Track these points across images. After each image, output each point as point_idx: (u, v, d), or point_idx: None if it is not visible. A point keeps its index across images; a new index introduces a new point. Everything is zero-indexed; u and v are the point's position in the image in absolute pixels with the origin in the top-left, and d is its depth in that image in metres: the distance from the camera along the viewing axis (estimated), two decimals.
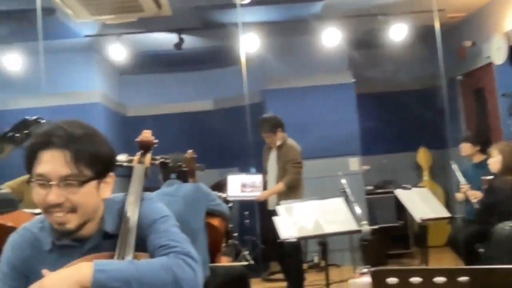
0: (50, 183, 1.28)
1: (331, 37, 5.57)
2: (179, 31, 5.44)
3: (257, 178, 4.99)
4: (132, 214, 1.39)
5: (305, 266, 6.06)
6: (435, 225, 5.25)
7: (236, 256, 6.17)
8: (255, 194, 4.86)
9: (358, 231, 3.38)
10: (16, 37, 5.30)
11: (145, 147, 1.61)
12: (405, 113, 6.94)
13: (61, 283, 1.18)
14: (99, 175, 1.35)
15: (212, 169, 4.99)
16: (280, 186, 4.64)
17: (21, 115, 4.70)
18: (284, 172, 4.68)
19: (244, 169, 6.33)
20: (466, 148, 4.83)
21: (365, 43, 6.33)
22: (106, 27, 5.28)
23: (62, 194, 1.28)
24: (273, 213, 4.69)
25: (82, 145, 1.31)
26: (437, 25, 5.07)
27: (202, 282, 1.31)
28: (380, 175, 6.81)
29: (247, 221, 6.26)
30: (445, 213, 4.19)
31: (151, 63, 6.60)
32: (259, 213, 6.00)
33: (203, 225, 3.17)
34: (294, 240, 3.46)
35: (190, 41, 5.67)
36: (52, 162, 1.28)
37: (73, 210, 1.30)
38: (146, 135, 1.62)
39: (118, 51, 5.62)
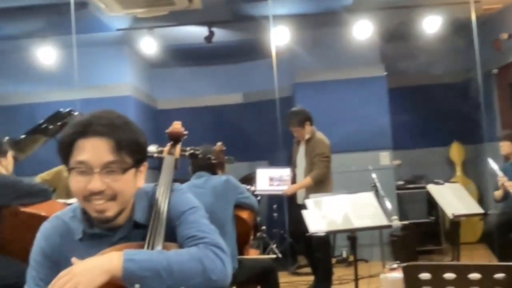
0: (93, 170, 1.29)
1: (363, 30, 5.49)
2: (209, 24, 5.45)
3: (285, 172, 4.95)
4: (162, 204, 1.39)
5: (333, 260, 6.04)
6: (467, 222, 5.15)
7: (264, 249, 6.18)
8: (283, 188, 4.82)
9: (389, 226, 3.32)
10: (50, 31, 5.40)
11: (175, 138, 1.61)
12: (438, 107, 6.80)
13: (91, 271, 1.18)
14: (137, 163, 1.36)
15: (241, 162, 4.99)
16: (308, 180, 4.57)
17: (55, 108, 4.81)
18: (312, 166, 4.61)
19: (273, 162, 6.32)
20: (505, 147, 4.71)
21: (398, 35, 6.21)
22: (137, 21, 5.33)
23: (104, 182, 1.29)
24: (302, 207, 4.67)
25: (124, 133, 1.32)
26: (473, 17, 4.95)
27: (231, 273, 1.31)
28: (411, 170, 6.70)
29: (275, 214, 6.25)
30: (478, 209, 4.09)
31: (181, 56, 6.62)
32: (288, 207, 5.97)
33: (231, 217, 3.18)
34: (323, 234, 3.43)
35: (220, 34, 5.68)
36: (94, 150, 1.29)
37: (113, 198, 1.31)
38: (177, 126, 1.62)
39: (149, 45, 5.67)
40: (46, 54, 5.69)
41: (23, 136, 4.57)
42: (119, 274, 1.19)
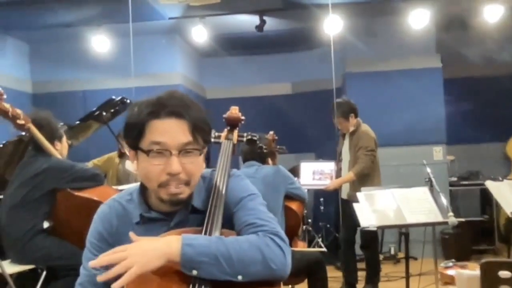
0: (171, 152, 1.26)
1: (419, 18, 5.30)
2: (261, 12, 5.39)
3: (329, 166, 4.83)
4: (221, 190, 1.36)
5: (381, 257, 5.90)
6: None
7: (310, 243, 6.11)
8: (325, 182, 4.69)
9: (444, 223, 3.19)
10: (106, 19, 5.49)
11: (233, 123, 1.57)
12: (495, 100, 6.52)
13: (148, 253, 1.16)
14: (207, 145, 1.34)
15: (288, 154, 4.92)
16: (350, 175, 4.41)
17: (108, 95, 4.90)
18: (356, 159, 4.44)
19: (320, 155, 6.24)
20: None
21: (456, 24, 5.96)
22: (189, 9, 5.34)
23: (181, 163, 1.27)
24: (346, 202, 4.57)
25: (197, 114, 1.30)
26: None
27: (291, 264, 1.26)
28: (465, 165, 6.46)
29: (322, 207, 6.18)
30: None
31: (231, 45, 6.62)
32: (335, 200, 5.88)
33: (281, 208, 3.14)
34: (374, 229, 3.33)
35: (272, 23, 5.62)
36: (171, 131, 1.26)
37: (188, 182, 1.29)
38: (234, 111, 1.58)
39: (200, 33, 5.67)
40: (101, 41, 5.79)
41: (77, 122, 4.66)
42: (177, 258, 1.17)
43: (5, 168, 3.72)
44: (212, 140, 1.66)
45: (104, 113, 4.73)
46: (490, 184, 3.94)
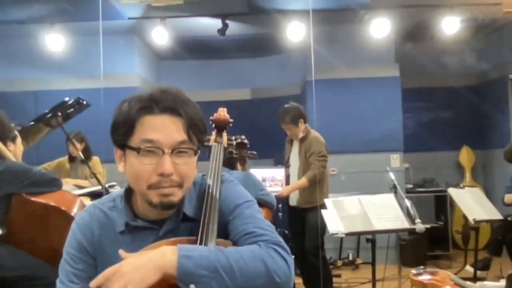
0: (164, 150, 1.15)
1: (380, 28, 5.36)
2: (224, 16, 5.31)
3: (279, 172, 4.78)
4: (214, 196, 1.25)
5: (339, 263, 5.93)
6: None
7: None
8: (277, 189, 4.61)
9: (412, 230, 3.22)
10: (61, 17, 5.25)
11: (221, 125, 1.47)
12: (450, 110, 6.72)
13: (142, 268, 1.04)
14: (201, 146, 1.23)
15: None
16: (303, 181, 4.31)
17: (61, 96, 4.66)
18: (307, 165, 4.35)
19: (280, 161, 6.20)
20: None
21: (414, 35, 6.09)
22: (150, 10, 5.19)
23: (174, 164, 1.16)
24: (294, 209, 4.54)
25: (193, 111, 1.20)
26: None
27: (293, 275, 1.18)
28: (420, 173, 6.60)
29: (280, 214, 6.14)
30: (498, 215, 4.00)
31: (193, 48, 6.50)
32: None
33: None
34: (342, 235, 3.32)
35: (235, 28, 5.55)
36: (165, 128, 1.16)
37: (180, 184, 1.18)
38: (222, 113, 1.48)
39: (161, 35, 5.51)
40: (55, 40, 5.52)
41: (30, 124, 4.41)
42: (173, 272, 1.05)
43: None
44: None
45: (59, 114, 4.49)
46: (452, 192, 4.04)
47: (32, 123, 4.38)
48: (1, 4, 4.93)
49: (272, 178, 4.81)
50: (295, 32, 5.34)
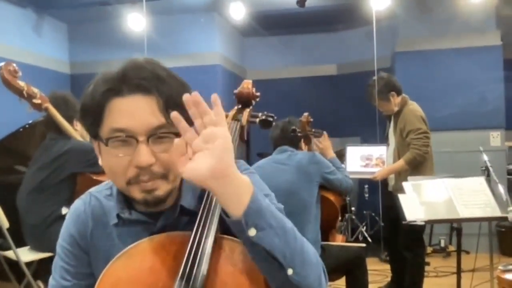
0: (137, 138, 0.97)
1: None
2: None
3: (379, 151, 4.30)
4: None
5: (429, 250, 5.53)
6: None
7: (353, 232, 5.81)
8: (373, 170, 4.10)
9: (503, 219, 2.82)
10: None
11: (244, 100, 1.24)
12: None
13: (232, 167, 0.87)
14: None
15: (332, 137, 4.58)
16: (401, 163, 3.73)
17: None
18: (403, 144, 3.78)
19: (366, 139, 5.90)
20: None
21: None
22: None
23: (153, 153, 0.97)
24: (390, 195, 4.01)
25: (171, 88, 0.99)
26: None
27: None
28: None
29: (366, 195, 5.87)
30: None
31: (272, 23, 6.32)
32: (381, 191, 5.51)
33: (316, 198, 2.84)
34: (422, 223, 2.99)
35: None
36: (136, 112, 0.97)
37: (164, 176, 0.99)
38: (246, 85, 1.25)
39: (238, 10, 5.42)
40: (136, 20, 5.60)
41: None
42: (246, 198, 0.87)
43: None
44: None
45: None
46: None
47: None
48: None
49: (367, 157, 4.36)
50: (380, 1, 4.96)
